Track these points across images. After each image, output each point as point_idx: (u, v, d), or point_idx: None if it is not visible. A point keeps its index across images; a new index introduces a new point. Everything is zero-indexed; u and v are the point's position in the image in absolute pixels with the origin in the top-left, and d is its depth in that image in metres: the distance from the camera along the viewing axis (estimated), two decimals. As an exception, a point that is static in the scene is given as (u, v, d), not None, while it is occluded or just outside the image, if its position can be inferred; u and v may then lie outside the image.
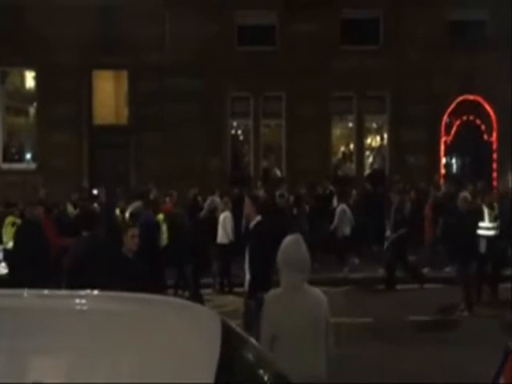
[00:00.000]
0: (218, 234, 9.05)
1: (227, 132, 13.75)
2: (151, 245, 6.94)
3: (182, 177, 12.32)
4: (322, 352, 3.12)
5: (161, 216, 8.23)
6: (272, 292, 3.32)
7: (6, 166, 14.15)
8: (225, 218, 9.08)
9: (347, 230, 10.02)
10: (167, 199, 9.31)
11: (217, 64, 12.94)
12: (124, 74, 13.84)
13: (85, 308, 1.99)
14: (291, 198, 10.67)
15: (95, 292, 2.19)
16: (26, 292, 2.09)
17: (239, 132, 14.27)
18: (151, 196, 9.51)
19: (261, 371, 1.90)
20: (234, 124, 14.10)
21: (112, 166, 13.72)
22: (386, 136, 13.81)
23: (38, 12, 12.94)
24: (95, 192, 12.56)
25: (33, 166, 14.20)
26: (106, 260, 5.03)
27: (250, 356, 1.95)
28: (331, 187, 11.68)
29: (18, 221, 8.20)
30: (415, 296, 8.44)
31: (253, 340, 2.11)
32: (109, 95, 14.22)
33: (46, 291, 2.30)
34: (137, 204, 8.57)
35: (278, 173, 13.89)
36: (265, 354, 2.06)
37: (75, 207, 9.87)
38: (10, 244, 7.96)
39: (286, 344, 3.01)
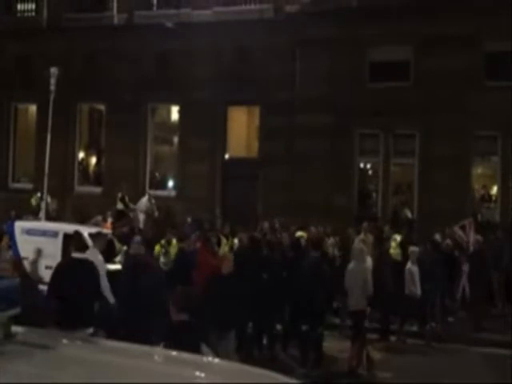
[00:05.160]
0: None
1: (355, 169, 14.37)
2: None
3: (307, 212, 13.28)
4: None
5: None
6: None
7: (151, 192, 16.76)
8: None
9: None
10: None
11: (346, 100, 13.71)
12: (256, 109, 15.45)
13: None
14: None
15: None
16: None
17: (367, 170, 14.77)
18: None
19: None
20: (362, 161, 14.66)
21: (242, 197, 15.32)
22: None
23: (182, 56, 15.30)
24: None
25: (173, 193, 16.61)
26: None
27: None
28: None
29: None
30: None
31: None
32: (241, 130, 15.99)
33: None
34: None
35: (409, 214, 14.00)
36: None
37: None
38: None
39: None
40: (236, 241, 10.60)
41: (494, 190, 13.55)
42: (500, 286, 10.54)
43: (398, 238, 10.61)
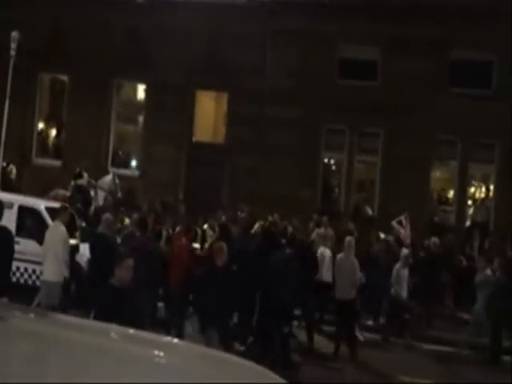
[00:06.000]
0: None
1: (320, 163, 14.69)
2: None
3: (272, 202, 13.47)
4: None
5: None
6: None
7: (114, 170, 16.51)
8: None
9: None
10: None
11: (315, 94, 13.93)
12: (225, 95, 15.43)
13: None
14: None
15: None
16: None
17: (332, 164, 15.13)
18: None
19: None
20: (327, 156, 15.00)
21: (206, 182, 15.34)
22: (492, 187, 13.74)
23: (152, 34, 15.02)
24: None
25: (136, 172, 16.43)
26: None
27: None
28: None
29: None
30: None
31: None
32: (209, 114, 15.96)
33: None
34: None
35: (370, 211, 14.46)
36: None
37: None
38: None
39: None
40: (206, 227, 10.79)
41: (451, 193, 14.25)
42: (451, 288, 11.18)
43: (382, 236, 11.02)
